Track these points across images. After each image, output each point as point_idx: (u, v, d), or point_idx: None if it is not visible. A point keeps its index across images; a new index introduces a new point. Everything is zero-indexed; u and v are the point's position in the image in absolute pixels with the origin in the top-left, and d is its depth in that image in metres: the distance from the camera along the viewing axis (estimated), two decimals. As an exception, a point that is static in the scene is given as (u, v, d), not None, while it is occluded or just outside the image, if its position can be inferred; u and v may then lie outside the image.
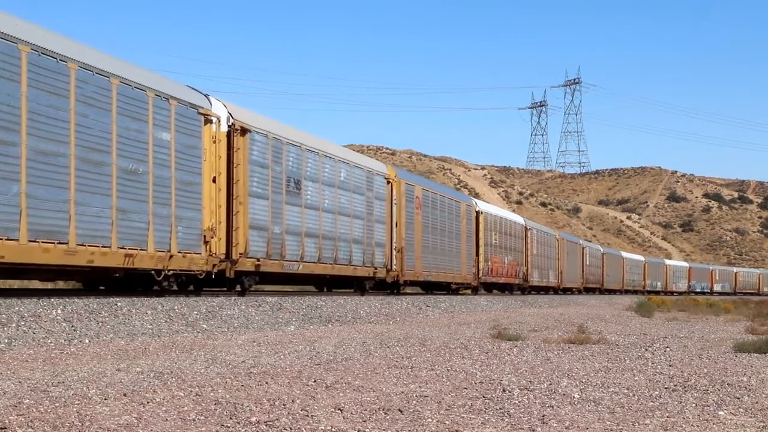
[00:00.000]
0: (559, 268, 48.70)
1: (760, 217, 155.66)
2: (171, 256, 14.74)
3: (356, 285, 23.98)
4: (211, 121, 16.22)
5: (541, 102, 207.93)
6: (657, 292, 70.20)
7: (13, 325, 9.68)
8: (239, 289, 18.05)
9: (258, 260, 17.61)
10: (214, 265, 16.18)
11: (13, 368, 7.25)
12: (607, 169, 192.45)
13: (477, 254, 33.51)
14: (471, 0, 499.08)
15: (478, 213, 34.17)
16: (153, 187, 14.28)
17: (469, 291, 34.11)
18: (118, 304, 11.94)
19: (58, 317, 10.45)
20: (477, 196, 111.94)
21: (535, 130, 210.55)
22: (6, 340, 9.07)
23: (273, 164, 18.38)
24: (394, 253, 25.01)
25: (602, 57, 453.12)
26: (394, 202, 25.16)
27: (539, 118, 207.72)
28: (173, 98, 15.01)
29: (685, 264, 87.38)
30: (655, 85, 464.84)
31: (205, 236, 15.78)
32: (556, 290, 48.65)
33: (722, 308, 28.58)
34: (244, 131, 17.16)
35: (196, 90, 16.47)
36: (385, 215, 24.76)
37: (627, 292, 65.59)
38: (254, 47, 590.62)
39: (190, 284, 16.90)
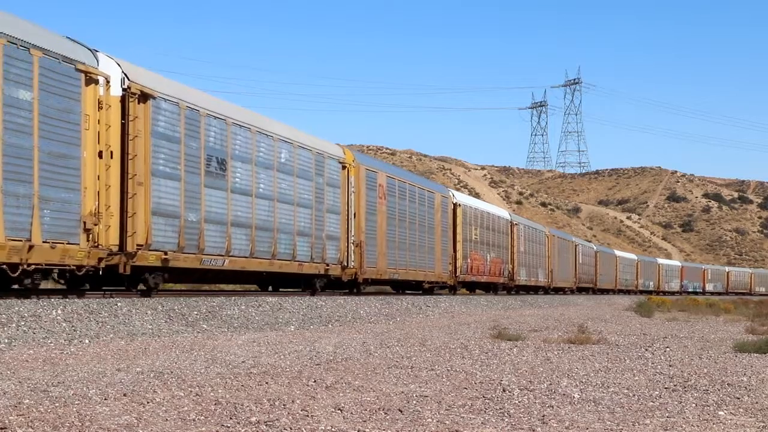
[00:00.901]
0: (550, 266, 45.92)
1: (760, 217, 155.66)
2: (31, 247, 11.64)
3: (305, 284, 20.82)
4: (96, 81, 13.18)
5: (541, 102, 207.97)
6: (649, 292, 68.36)
7: (13, 325, 9.68)
8: (143, 288, 15.03)
9: (165, 253, 14.53)
10: (100, 259, 13.14)
11: (13, 368, 7.25)
12: (607, 169, 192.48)
13: (454, 250, 30.37)
14: (471, 0, 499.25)
15: (455, 205, 31.02)
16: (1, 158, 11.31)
17: (446, 291, 31.00)
18: (118, 304, 11.94)
19: (58, 317, 10.45)
20: (477, 196, 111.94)
21: (535, 130, 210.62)
22: (6, 340, 9.07)
23: (187, 139, 15.33)
24: (352, 247, 21.69)
25: (602, 57, 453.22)
26: (351, 189, 21.84)
27: (539, 118, 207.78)
28: (37, 48, 12.03)
29: (678, 263, 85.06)
30: (655, 85, 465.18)
31: (85, 223, 12.71)
32: (546, 290, 45.99)
33: (722, 308, 28.58)
34: (145, 97, 14.17)
35: (78, 42, 13.41)
36: (340, 204, 21.36)
37: (620, 291, 63.61)
38: (254, 47, 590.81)
39: (84, 282, 14.55)
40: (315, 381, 6.97)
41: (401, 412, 5.66)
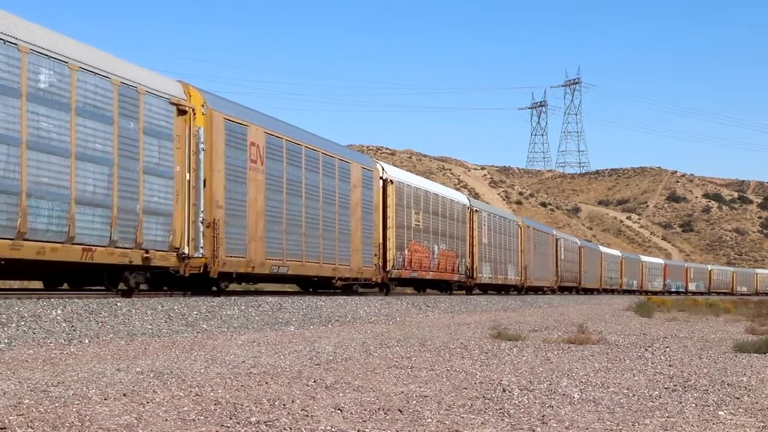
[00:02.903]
0: (523, 262, 39.95)
1: (760, 217, 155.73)
2: None
3: (109, 279, 14.68)
4: None
5: (541, 102, 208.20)
6: (632, 292, 65.14)
7: (13, 325, 9.68)
8: None
9: None
10: None
11: (13, 368, 7.25)
12: (607, 169, 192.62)
13: (384, 239, 24.11)
14: (471, 0, 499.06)
15: (385, 181, 24.50)
16: None
17: (375, 290, 25.28)
18: (118, 304, 11.95)
19: (58, 317, 10.45)
20: (477, 196, 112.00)
21: (535, 130, 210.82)
22: (6, 340, 9.07)
23: None
24: (201, 228, 15.38)
25: (602, 57, 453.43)
26: (201, 146, 15.51)
27: (539, 118, 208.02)
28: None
29: (661, 261, 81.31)
30: (654, 85, 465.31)
31: None
32: (519, 289, 40.15)
33: (722, 308, 28.59)
34: None
35: None
36: (174, 165, 14.93)
37: (605, 291, 59.49)
38: (254, 47, 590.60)
39: None
40: (315, 381, 6.97)
41: (401, 412, 5.66)
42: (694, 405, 6.30)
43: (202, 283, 16.87)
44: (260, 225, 17.59)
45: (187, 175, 15.37)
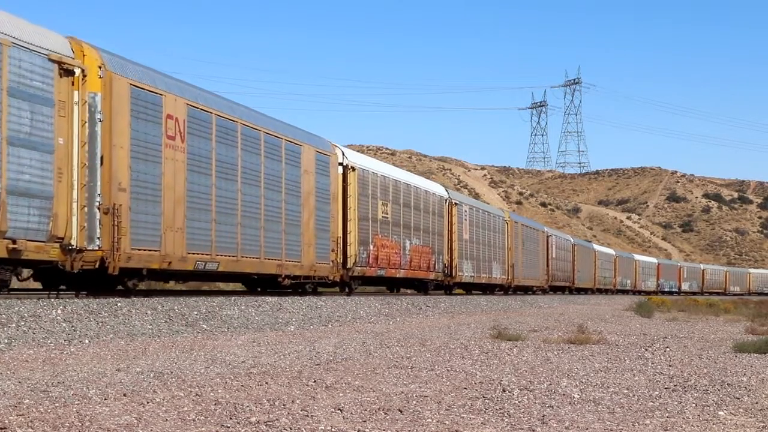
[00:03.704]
0: (510, 259, 37.59)
1: (760, 218, 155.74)
2: None
3: None
4: None
5: (541, 102, 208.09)
6: (626, 292, 64.04)
7: (13, 325, 9.68)
8: None
9: None
10: None
11: (13, 368, 7.25)
12: (607, 170, 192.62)
13: (344, 232, 21.69)
14: (471, 0, 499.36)
15: (346, 168, 21.94)
16: None
17: (336, 289, 22.84)
18: (118, 304, 11.94)
19: (58, 317, 10.45)
20: (477, 196, 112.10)
21: (535, 130, 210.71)
22: (6, 340, 9.07)
23: None
24: (96, 215, 12.90)
25: (602, 57, 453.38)
26: (98, 116, 12.93)
27: (539, 119, 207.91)
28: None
29: (654, 260, 79.62)
30: (655, 85, 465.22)
31: None
32: (505, 289, 38.00)
33: (722, 308, 28.61)
34: None
35: None
36: (54, 137, 12.21)
37: (599, 291, 57.65)
38: (254, 47, 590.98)
39: None
40: (315, 381, 6.97)
41: (401, 412, 5.66)
42: (694, 405, 6.31)
43: (105, 281, 14.15)
44: (180, 212, 14.90)
45: (76, 149, 12.58)
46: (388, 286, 28.51)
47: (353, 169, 22.25)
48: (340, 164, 21.83)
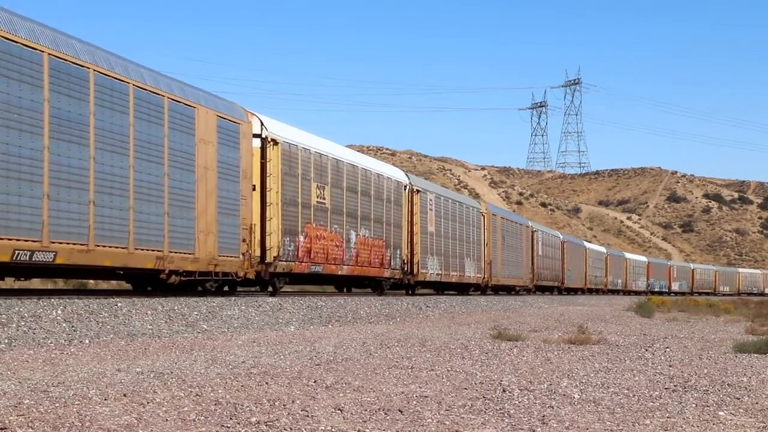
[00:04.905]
0: (487, 256, 34.06)
1: (760, 218, 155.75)
2: None
3: None
4: None
5: (541, 102, 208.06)
6: (616, 292, 62.09)
7: (13, 325, 9.69)
8: None
9: None
10: None
11: (13, 368, 7.25)
12: (607, 170, 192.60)
13: (262, 219, 18.07)
14: (471, 0, 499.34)
15: (264, 141, 18.12)
16: None
17: (257, 288, 19.68)
18: (118, 304, 11.95)
19: (58, 317, 10.46)
20: (477, 196, 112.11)
21: (535, 130, 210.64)
22: (6, 341, 9.07)
23: None
24: None
25: (602, 57, 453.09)
26: None
27: (539, 119, 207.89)
28: None
29: (644, 259, 77.27)
30: (655, 85, 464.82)
31: None
32: (482, 288, 34.70)
33: (722, 309, 28.62)
34: None
35: None
36: None
37: (589, 291, 55.21)
38: (255, 47, 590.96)
39: None
40: (315, 381, 6.97)
41: (401, 412, 5.66)
42: (694, 405, 6.31)
43: None
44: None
45: None
46: (336, 286, 24.98)
47: (275, 142, 18.36)
48: (257, 135, 17.96)
